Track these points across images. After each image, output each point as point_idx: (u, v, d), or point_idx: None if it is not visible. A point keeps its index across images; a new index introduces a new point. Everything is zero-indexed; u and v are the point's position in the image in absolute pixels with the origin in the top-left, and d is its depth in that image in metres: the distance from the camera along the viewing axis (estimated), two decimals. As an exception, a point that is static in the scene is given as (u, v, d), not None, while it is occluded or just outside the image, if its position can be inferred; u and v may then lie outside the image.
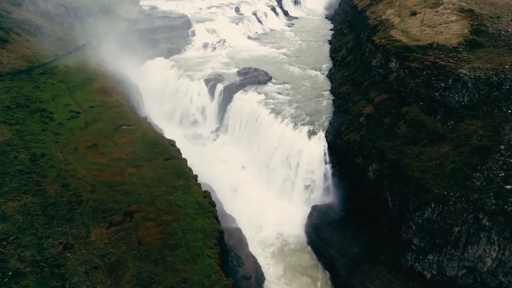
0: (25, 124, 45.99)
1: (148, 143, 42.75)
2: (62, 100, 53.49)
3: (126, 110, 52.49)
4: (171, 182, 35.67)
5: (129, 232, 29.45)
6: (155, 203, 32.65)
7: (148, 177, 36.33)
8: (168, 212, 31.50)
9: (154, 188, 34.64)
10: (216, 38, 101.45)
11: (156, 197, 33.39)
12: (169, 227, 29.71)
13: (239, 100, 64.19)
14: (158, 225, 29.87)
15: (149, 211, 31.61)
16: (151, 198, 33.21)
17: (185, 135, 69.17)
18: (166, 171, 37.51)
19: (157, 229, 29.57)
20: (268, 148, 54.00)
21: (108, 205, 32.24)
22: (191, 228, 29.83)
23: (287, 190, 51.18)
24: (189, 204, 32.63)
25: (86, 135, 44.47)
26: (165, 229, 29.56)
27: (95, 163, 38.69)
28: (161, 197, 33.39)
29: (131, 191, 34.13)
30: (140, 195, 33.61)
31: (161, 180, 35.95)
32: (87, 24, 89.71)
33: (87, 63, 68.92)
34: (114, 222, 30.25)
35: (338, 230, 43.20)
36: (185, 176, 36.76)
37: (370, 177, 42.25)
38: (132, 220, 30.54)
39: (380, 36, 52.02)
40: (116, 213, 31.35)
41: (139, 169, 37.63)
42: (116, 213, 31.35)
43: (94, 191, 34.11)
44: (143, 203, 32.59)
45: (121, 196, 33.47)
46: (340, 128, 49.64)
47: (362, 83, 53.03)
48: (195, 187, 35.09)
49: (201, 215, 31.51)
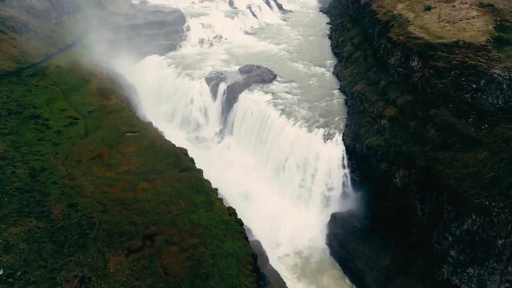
0: (20, 133, 41.82)
1: (158, 153, 39.32)
2: (58, 105, 49.23)
3: (128, 115, 48.71)
4: (190, 197, 32.50)
5: (152, 259, 26.28)
6: (176, 224, 29.49)
7: (164, 192, 33.05)
8: (193, 234, 28.42)
9: (172, 206, 31.42)
10: (211, 33, 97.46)
11: (176, 217, 30.21)
12: (197, 252, 26.67)
13: (245, 100, 60.96)
14: (184, 250, 26.80)
15: (171, 233, 28.46)
16: (171, 218, 30.01)
17: (187, 138, 65.60)
18: (182, 184, 34.28)
19: (184, 254, 26.51)
20: (281, 152, 51.14)
21: (123, 228, 28.91)
22: (222, 252, 26.87)
23: (303, 197, 48.57)
24: (215, 223, 29.61)
25: (88, 145, 40.68)
26: (193, 254, 26.51)
27: (102, 177, 35.13)
28: (182, 216, 30.24)
29: (147, 210, 30.84)
30: (158, 215, 30.37)
31: (179, 195, 32.74)
32: (76, 20, 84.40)
33: (79, 63, 64.36)
34: (134, 248, 27.02)
35: (363, 240, 40.88)
36: (205, 190, 33.64)
37: (397, 184, 39.96)
38: (153, 245, 27.37)
39: (397, 32, 49.47)
40: (134, 237, 28.09)
41: (153, 183, 34.28)
42: (134, 237, 28.08)
43: (106, 211, 30.67)
44: (163, 224, 29.39)
45: (137, 216, 30.16)
46: (358, 131, 47.17)
47: (378, 82, 50.58)
48: (218, 203, 32.05)
49: (229, 236, 28.56)
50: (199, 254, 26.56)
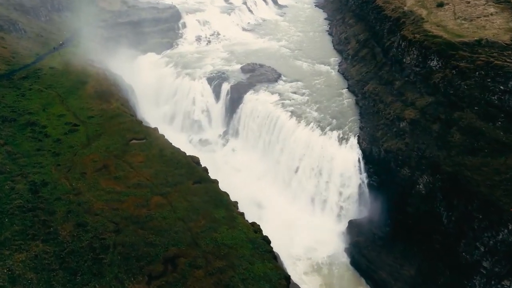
0: (16, 143, 38.60)
1: (169, 162, 36.68)
2: (55, 110, 45.93)
3: (131, 120, 45.77)
4: (210, 213, 30.08)
5: (177, 286, 23.87)
6: (198, 244, 27.09)
7: (180, 208, 30.54)
8: (218, 255, 26.08)
9: (191, 223, 28.97)
10: (208, 30, 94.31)
11: (197, 235, 27.80)
12: (225, 277, 24.38)
13: (251, 101, 58.51)
14: (210, 275, 24.47)
15: (194, 255, 26.07)
16: (191, 237, 27.59)
17: (189, 141, 62.98)
18: (199, 198, 31.81)
19: (211, 279, 24.18)
20: (293, 156, 49.02)
21: (141, 250, 26.39)
22: (252, 276, 24.63)
23: (318, 203, 46.61)
24: (240, 242, 27.32)
25: (91, 154, 37.73)
26: (221, 279, 24.21)
27: (110, 191, 32.38)
28: (203, 235, 27.83)
29: (164, 229, 28.33)
30: (177, 234, 27.89)
31: (197, 211, 30.27)
32: (66, 17, 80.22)
33: (74, 63, 60.80)
34: (155, 274, 24.58)
35: (385, 249, 39.20)
36: (224, 204, 31.26)
37: (421, 190, 38.24)
38: (176, 269, 24.96)
39: (411, 30, 47.58)
40: (154, 261, 25.62)
41: (167, 197, 31.72)
42: (154, 261, 25.61)
43: (119, 230, 28.07)
44: (184, 245, 26.96)
45: (154, 236, 27.63)
46: (375, 134, 45.30)
47: (392, 82, 48.71)
48: (240, 219, 29.74)
49: (258, 256, 26.33)
50: (228, 279, 24.28)
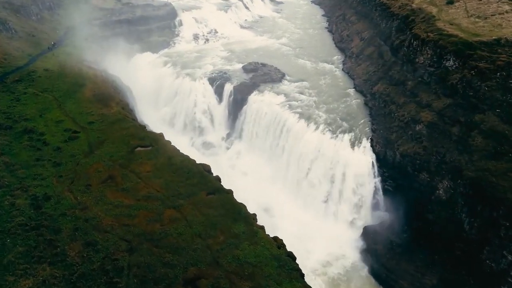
0: (13, 152, 36.08)
1: (179, 172, 34.61)
2: (52, 116, 43.36)
3: (134, 125, 43.48)
4: (228, 228, 28.22)
5: (201, 313, 22.05)
6: (219, 263, 25.23)
7: (196, 222, 28.60)
8: (242, 275, 24.28)
9: (210, 239, 27.07)
10: (205, 28, 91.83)
11: (217, 253, 25.93)
12: (252, 300, 22.61)
13: (256, 102, 56.54)
14: (236, 298, 22.65)
15: (217, 275, 24.21)
16: (212, 256, 25.71)
17: (192, 144, 60.80)
18: (215, 211, 29.90)
19: (237, 304, 22.38)
20: (303, 160, 47.27)
21: (158, 272, 24.43)
22: (281, 299, 22.91)
23: (330, 209, 45.05)
24: (265, 260, 25.54)
25: (95, 164, 35.43)
26: (247, 303, 22.42)
27: (119, 205, 30.24)
28: (224, 253, 25.98)
29: (181, 246, 26.39)
30: (195, 252, 25.98)
31: (214, 225, 28.36)
32: (58, 15, 76.98)
33: (69, 64, 58.03)
34: (176, 299, 22.66)
35: (405, 256, 37.84)
36: (243, 217, 29.43)
37: (441, 196, 36.94)
38: (198, 293, 23.07)
39: (424, 29, 46.13)
40: (174, 283, 23.70)
41: (181, 210, 29.73)
42: (173, 283, 23.69)
43: (132, 249, 26.03)
44: (204, 264, 25.08)
45: (170, 255, 25.68)
46: (389, 137, 43.84)
47: (404, 83, 47.27)
48: (262, 234, 27.95)
49: (285, 275, 24.60)
50: (255, 302, 22.53)
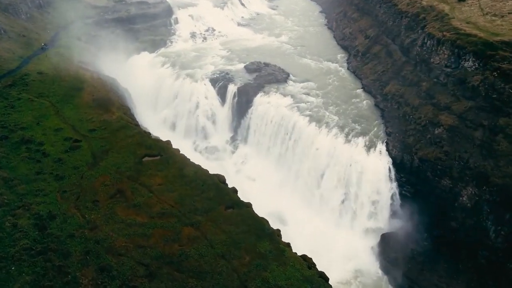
0: (11, 166, 33.38)
1: (192, 184, 32.43)
2: (50, 123, 40.61)
3: (138, 132, 41.04)
4: (253, 247, 26.26)
5: None
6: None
7: (217, 241, 26.56)
8: (275, 302, 22.39)
9: (235, 261, 25.08)
10: (202, 26, 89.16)
11: (245, 276, 23.96)
12: (289, 331, 20.73)
13: (262, 104, 54.46)
14: (270, 329, 20.74)
15: (246, 303, 22.29)
16: (239, 280, 23.74)
17: (195, 148, 58.50)
18: (237, 227, 27.89)
19: (272, 336, 20.47)
20: (316, 166, 45.48)
21: (183, 300, 22.39)
22: (320, 328, 21.09)
23: (346, 216, 43.44)
24: (296, 283, 23.69)
25: (101, 177, 33.01)
26: (284, 334, 20.53)
27: (132, 223, 28.00)
28: (252, 276, 24.02)
29: (205, 270, 24.33)
30: (221, 275, 23.98)
31: (238, 245, 26.37)
32: (49, 14, 73.42)
33: (64, 67, 55.06)
34: (205, 332, 20.65)
35: (428, 266, 36.46)
36: (267, 234, 27.51)
37: (465, 203, 35.55)
38: (228, 324, 21.11)
39: (438, 28, 44.59)
40: (201, 313, 21.69)
41: (199, 228, 27.64)
42: (200, 314, 21.68)
43: (152, 275, 23.89)
44: (232, 289, 23.13)
45: (194, 280, 23.62)
46: (405, 140, 42.32)
47: (418, 84, 45.76)
48: (290, 252, 26.09)
49: (320, 301, 22.81)
50: (293, 333, 20.67)
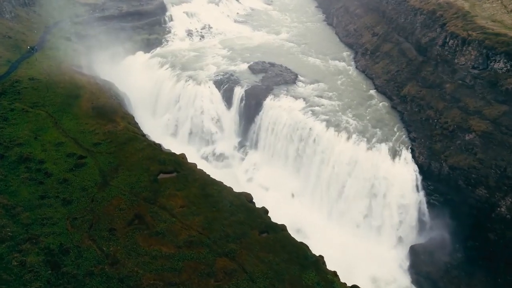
0: (11, 190, 29.59)
1: (218, 205, 29.40)
2: (49, 137, 36.74)
3: (148, 145, 37.61)
4: (298, 278, 23.58)
5: None
6: (301, 331, 20.65)
7: (258, 274, 23.74)
8: None
9: (280, 297, 22.38)
10: (198, 23, 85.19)
11: (295, 317, 21.32)
12: None
13: (273, 108, 51.54)
14: None
15: None
16: (289, 321, 21.06)
17: (201, 156, 55.24)
18: (276, 256, 25.13)
19: None
20: (337, 174, 43.00)
21: None
22: None
23: (370, 227, 41.26)
24: (353, 322, 21.17)
25: (114, 199, 29.63)
26: None
27: (157, 255, 24.88)
28: (303, 316, 21.40)
29: (249, 310, 21.56)
30: (268, 317, 21.25)
31: (281, 277, 23.63)
32: (35, 13, 68.28)
33: (57, 71, 50.83)
34: None
35: (464, 280, 34.65)
36: (311, 262, 24.91)
37: (504, 214, 33.69)
38: None
39: (462, 26, 42.46)
40: None
41: (235, 258, 24.76)
42: None
43: (190, 319, 20.95)
44: (283, 334, 20.42)
45: (239, 324, 20.81)
46: (432, 146, 40.23)
47: (440, 85, 43.69)
48: (338, 283, 23.66)
49: None
50: None
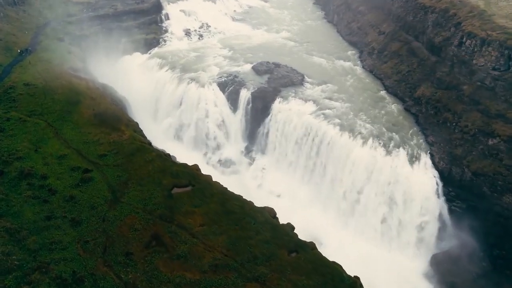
0: (13, 211, 27.04)
1: (241, 223, 27.39)
2: (51, 149, 34.15)
3: (158, 155, 35.29)
4: (337, 306, 21.83)
5: None
6: None
7: (292, 301, 21.93)
8: None
9: (321, 328, 20.59)
10: (195, 22, 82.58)
11: None
12: None
13: (282, 111, 49.66)
14: None
15: None
16: None
17: (207, 162, 53.16)
18: (310, 279, 23.28)
19: None
20: (354, 181, 41.41)
21: None
22: None
23: (390, 235, 39.88)
24: None
25: (128, 218, 27.37)
26: None
27: (182, 282, 22.85)
28: None
29: None
30: None
31: (318, 304, 21.87)
32: (25, 13, 64.98)
33: (53, 75, 48.12)
34: None
35: (492, 291, 33.50)
36: (348, 284, 23.10)
37: (534, 222, 32.65)
38: None
39: (480, 26, 41.05)
40: None
41: (266, 284, 22.86)
42: None
43: None
44: None
45: None
46: (453, 151, 38.87)
47: (457, 87, 42.32)
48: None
49: None
50: None
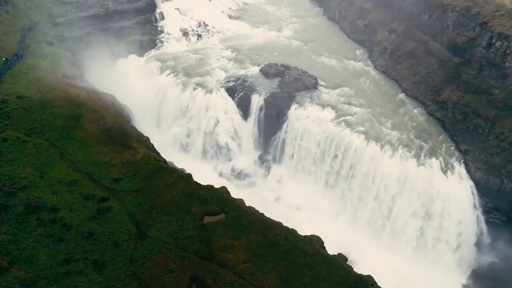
0: (25, 255, 23.28)
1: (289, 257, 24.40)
2: (58, 174, 30.21)
3: (179, 176, 32.03)
4: None
5: None
6: None
7: None
8: None
9: None
10: (192, 21, 78.66)
11: None
12: None
13: (300, 119, 46.76)
14: None
15: None
16: None
17: (219, 173, 49.85)
18: (379, 325, 20.67)
19: None
20: (384, 193, 39.05)
21: None
22: None
23: (425, 250, 37.86)
24: None
25: (159, 257, 24.04)
26: None
27: (235, 335, 19.84)
28: None
29: None
30: None
31: None
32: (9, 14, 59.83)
33: (48, 84, 44.05)
34: None
35: (542, 311, 31.84)
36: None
37: None
38: None
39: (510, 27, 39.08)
40: None
41: (332, 333, 20.09)
42: None
43: None
44: None
45: None
46: (489, 160, 36.94)
47: (487, 91, 40.38)
48: None
49: None
50: None
